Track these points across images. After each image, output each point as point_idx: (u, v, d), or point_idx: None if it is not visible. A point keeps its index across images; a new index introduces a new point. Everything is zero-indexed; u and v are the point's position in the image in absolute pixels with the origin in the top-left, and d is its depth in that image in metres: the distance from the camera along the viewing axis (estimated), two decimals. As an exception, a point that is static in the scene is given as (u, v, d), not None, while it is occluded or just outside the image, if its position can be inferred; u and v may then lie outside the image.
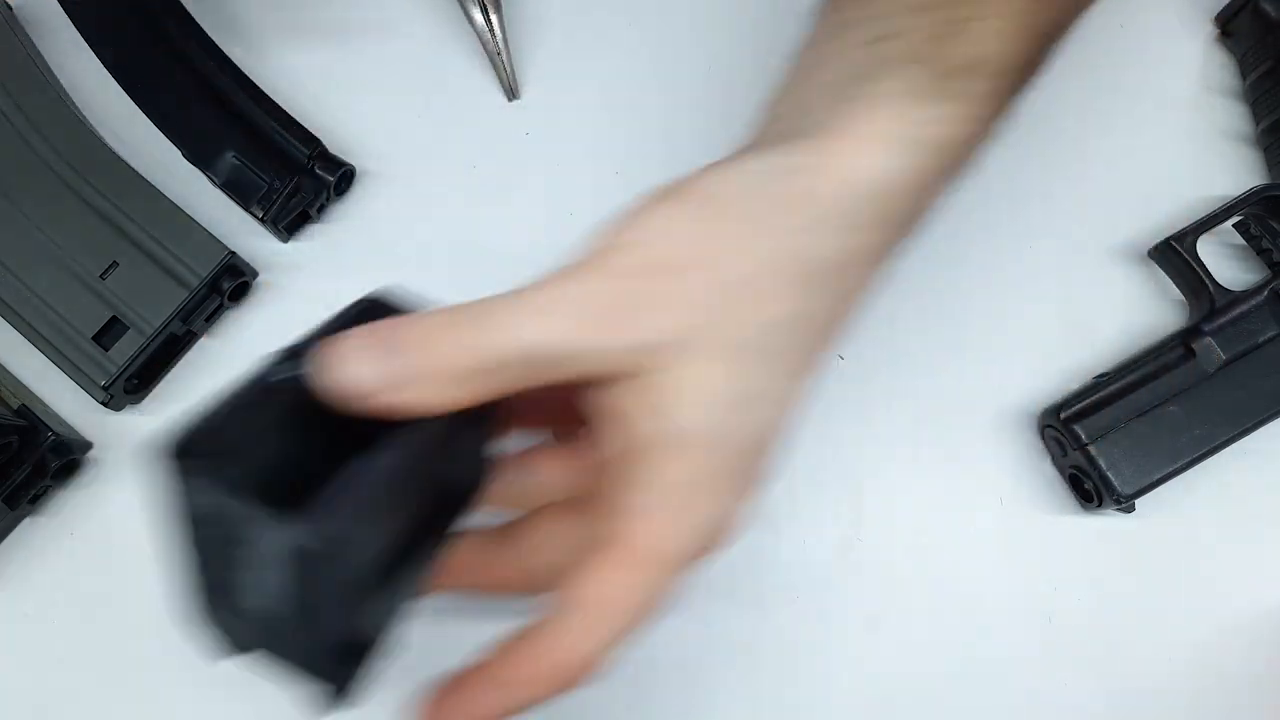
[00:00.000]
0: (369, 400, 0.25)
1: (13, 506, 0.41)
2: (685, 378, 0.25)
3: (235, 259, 0.43)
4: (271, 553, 0.23)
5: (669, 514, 0.26)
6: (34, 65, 0.46)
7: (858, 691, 0.41)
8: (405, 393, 0.25)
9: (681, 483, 0.26)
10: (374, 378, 0.25)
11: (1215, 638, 0.42)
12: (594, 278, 0.26)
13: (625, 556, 0.26)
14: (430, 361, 0.25)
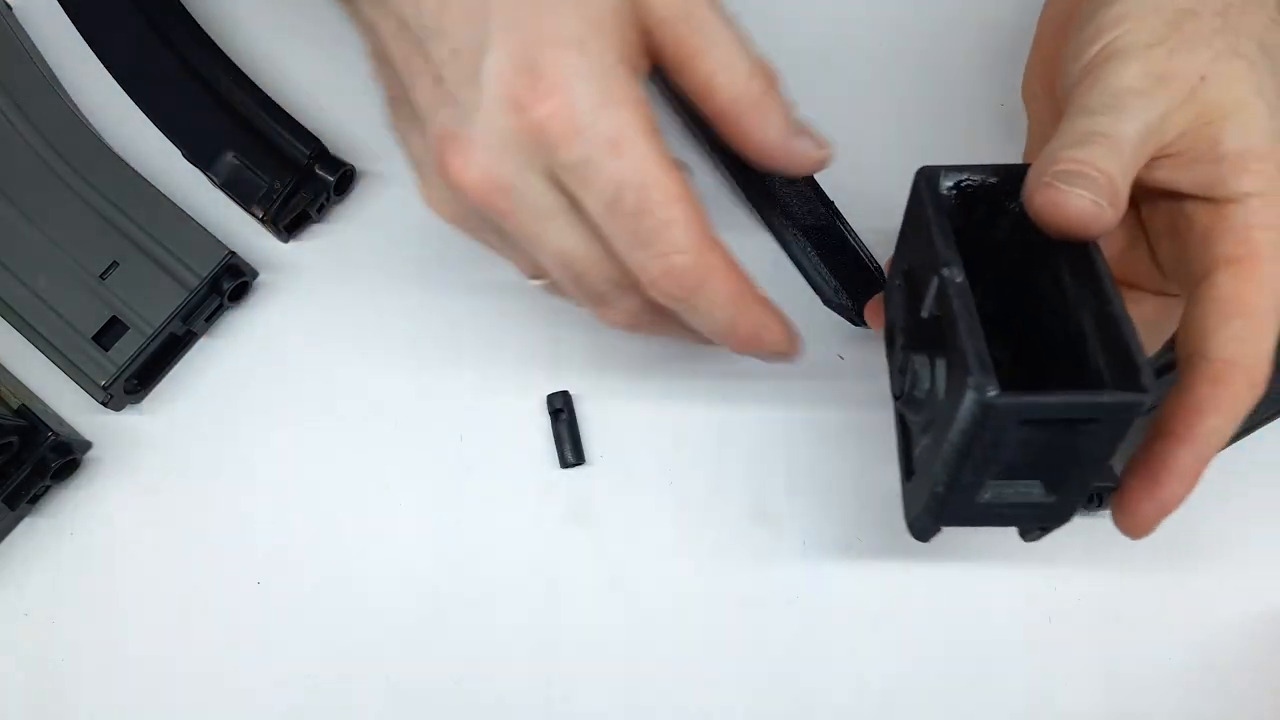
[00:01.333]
0: (1088, 228, 0.28)
1: (13, 506, 0.41)
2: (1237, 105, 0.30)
3: (235, 259, 0.43)
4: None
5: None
6: (34, 65, 0.46)
7: (858, 691, 0.41)
8: (1111, 216, 0.29)
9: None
10: (1095, 208, 0.28)
11: (1215, 638, 0.42)
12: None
13: (1246, 265, 0.30)
14: (1125, 185, 0.29)
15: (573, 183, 0.29)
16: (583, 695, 0.41)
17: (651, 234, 0.28)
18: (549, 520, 0.43)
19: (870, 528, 0.42)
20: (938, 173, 0.31)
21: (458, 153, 0.29)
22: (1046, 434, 0.29)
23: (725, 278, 0.30)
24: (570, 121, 0.27)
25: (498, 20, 0.28)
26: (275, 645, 0.42)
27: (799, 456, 0.43)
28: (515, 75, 0.28)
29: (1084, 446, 0.29)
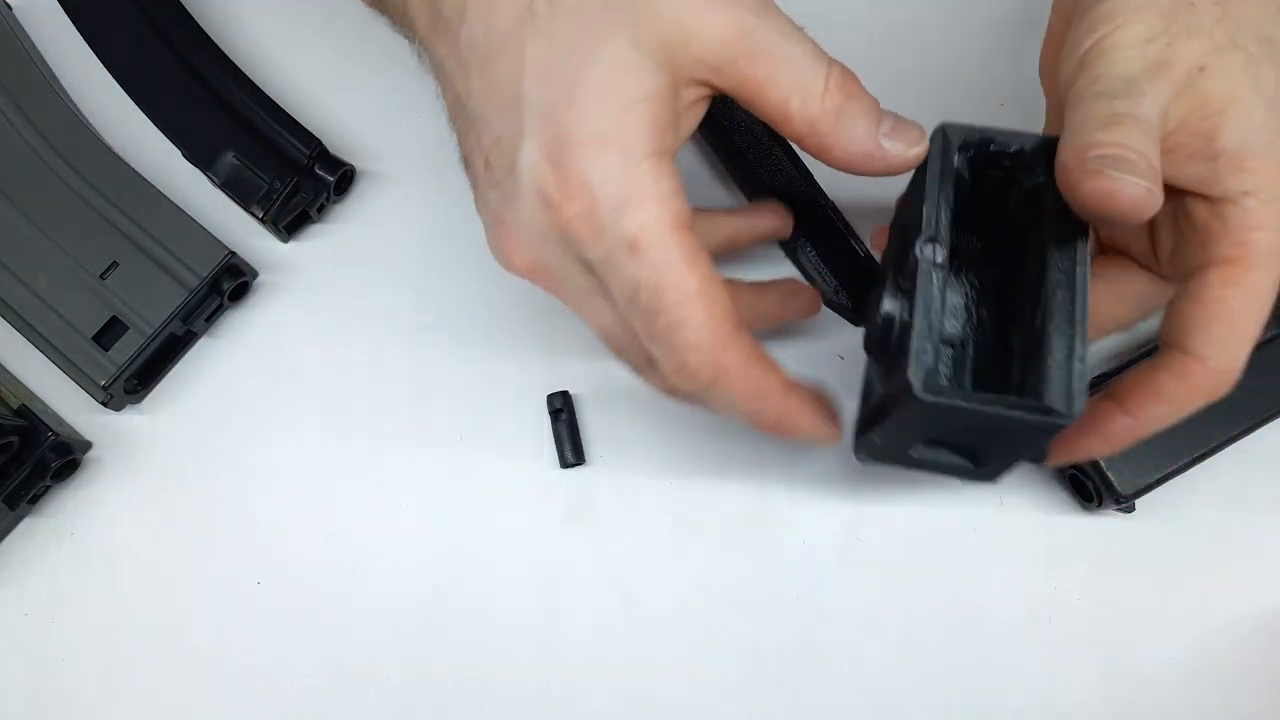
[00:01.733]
0: (1133, 213, 0.28)
1: (13, 506, 0.41)
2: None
3: (235, 259, 0.43)
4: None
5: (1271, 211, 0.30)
6: (34, 65, 0.46)
7: (858, 691, 0.41)
8: (1158, 200, 0.28)
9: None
10: (1147, 195, 0.28)
11: (1215, 637, 0.42)
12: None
13: (1238, 269, 0.30)
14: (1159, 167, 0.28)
15: (600, 276, 0.30)
16: (583, 695, 0.41)
17: (665, 332, 0.29)
18: (549, 520, 0.43)
19: (870, 527, 0.42)
20: (959, 133, 0.31)
21: (506, 237, 0.31)
22: (976, 426, 0.30)
23: (741, 376, 0.30)
24: (593, 223, 0.28)
25: (530, 114, 0.29)
26: (275, 645, 0.42)
27: (799, 456, 0.43)
28: (546, 172, 0.28)
29: (1011, 440, 0.31)
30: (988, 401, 0.29)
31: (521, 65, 0.29)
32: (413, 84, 0.48)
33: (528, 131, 0.29)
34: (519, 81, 0.29)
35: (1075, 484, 0.42)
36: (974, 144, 0.31)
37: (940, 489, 0.43)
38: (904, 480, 0.43)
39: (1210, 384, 0.31)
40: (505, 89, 0.29)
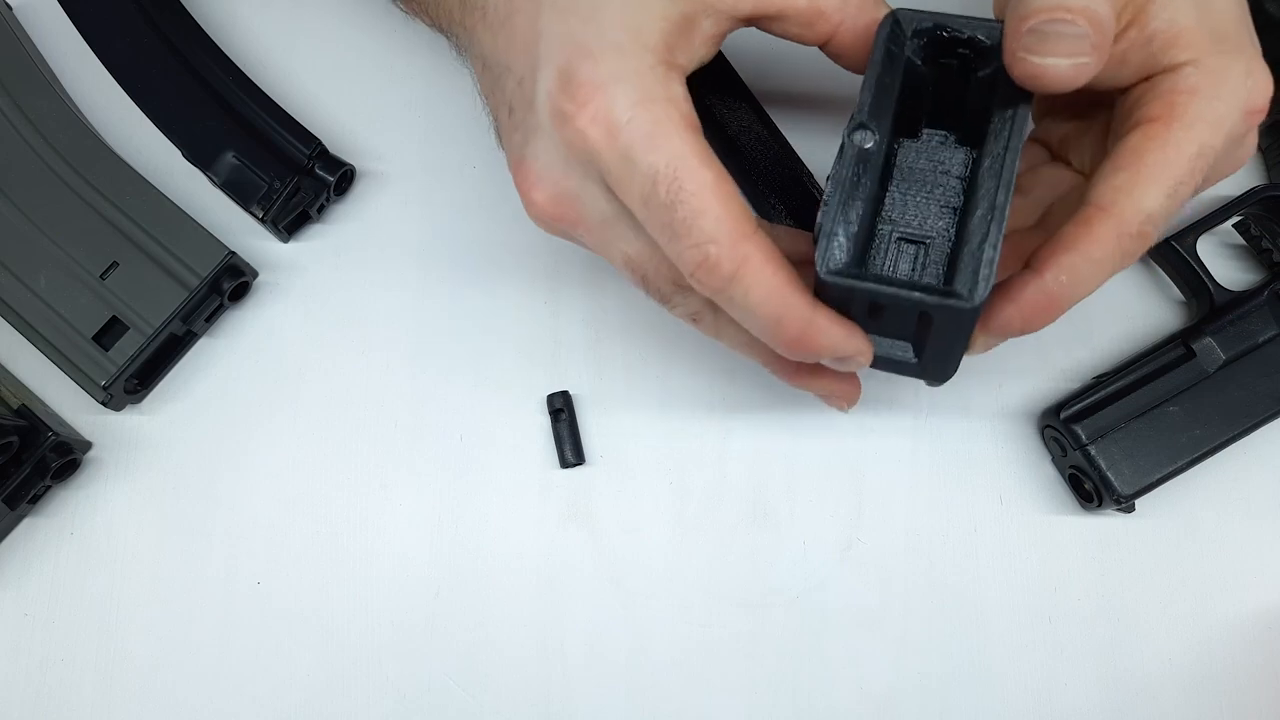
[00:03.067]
0: (1069, 86, 0.28)
1: (13, 506, 0.41)
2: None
3: (235, 259, 0.43)
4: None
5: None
6: (34, 65, 0.46)
7: (858, 691, 0.41)
8: (1092, 67, 0.28)
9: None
10: (1072, 71, 0.28)
11: (1215, 638, 0.42)
12: None
13: (1159, 124, 0.30)
14: (1111, 17, 0.28)
15: (616, 185, 0.29)
16: (583, 695, 0.41)
17: (684, 225, 0.28)
18: (549, 520, 0.43)
19: (870, 528, 0.42)
20: (911, 19, 0.31)
21: (526, 175, 0.31)
22: (896, 312, 0.30)
23: (761, 269, 0.29)
24: (608, 122, 0.28)
25: (546, 44, 0.29)
26: (275, 645, 0.42)
27: (799, 456, 0.43)
28: (559, 90, 0.29)
29: (939, 331, 0.31)
30: (887, 282, 0.29)
31: (539, 6, 0.29)
32: (413, 84, 0.48)
33: (543, 61, 0.29)
34: (537, 20, 0.30)
35: (1075, 484, 0.42)
36: (926, 30, 0.31)
37: (940, 489, 0.43)
38: (904, 480, 0.43)
39: (1113, 234, 0.29)
40: (525, 32, 0.30)
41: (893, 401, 0.44)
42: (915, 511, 0.43)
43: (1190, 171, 0.29)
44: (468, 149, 0.47)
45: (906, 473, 0.43)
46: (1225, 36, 0.30)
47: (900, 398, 0.43)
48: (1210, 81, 0.29)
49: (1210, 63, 0.30)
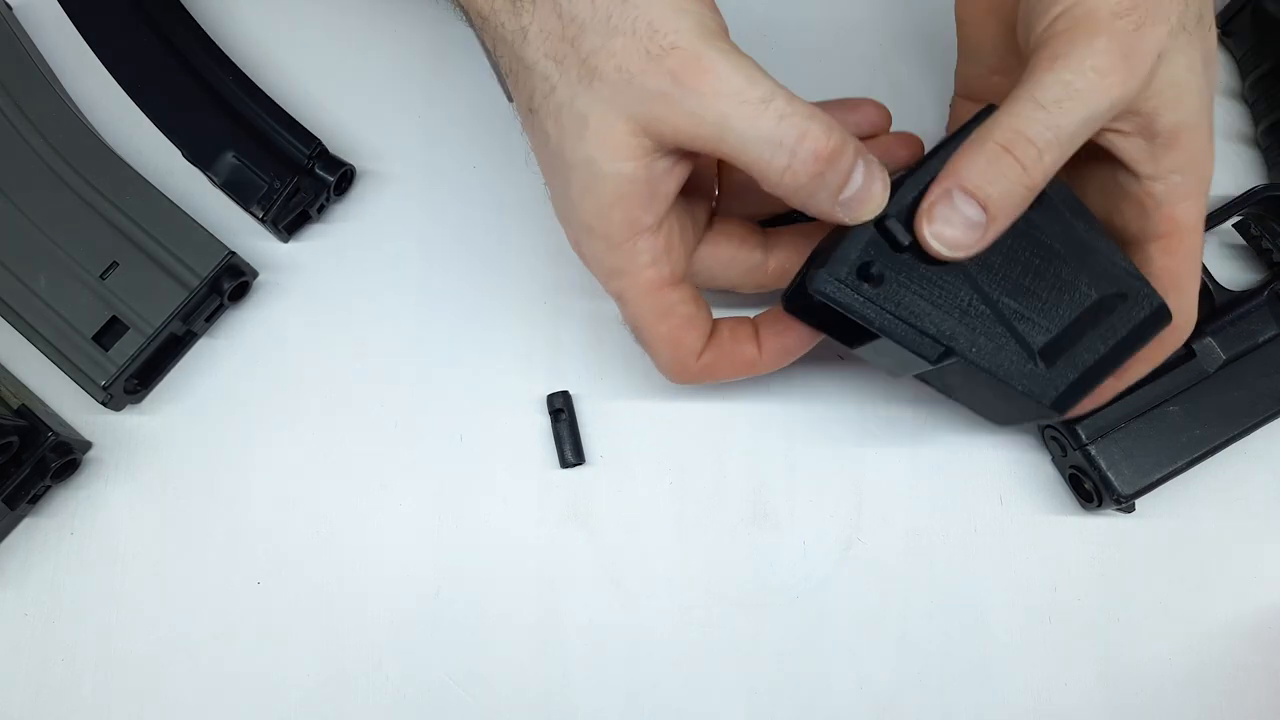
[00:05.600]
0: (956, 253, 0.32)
1: (13, 506, 0.41)
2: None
3: (235, 259, 0.43)
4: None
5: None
6: (34, 65, 0.46)
7: (858, 691, 0.41)
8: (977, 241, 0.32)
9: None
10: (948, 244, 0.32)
11: (1215, 637, 0.42)
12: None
13: (1173, 240, 0.35)
14: (1024, 193, 0.32)
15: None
16: (583, 695, 0.41)
17: (648, 349, 0.38)
18: (549, 520, 0.43)
19: (870, 528, 0.42)
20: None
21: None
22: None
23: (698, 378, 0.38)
24: (598, 277, 0.36)
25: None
26: (275, 645, 0.42)
27: (799, 456, 0.43)
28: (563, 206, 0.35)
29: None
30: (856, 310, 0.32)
31: (541, 143, 0.34)
32: (413, 84, 0.48)
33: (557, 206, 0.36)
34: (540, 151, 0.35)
35: (1075, 484, 0.42)
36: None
37: (940, 489, 0.43)
38: (904, 480, 0.43)
39: (1176, 337, 0.36)
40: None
41: (892, 401, 0.44)
42: (915, 511, 0.43)
43: (1200, 256, 0.36)
44: (468, 149, 0.47)
45: (906, 473, 0.43)
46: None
47: (900, 398, 0.43)
48: (1198, 182, 0.34)
49: (1198, 162, 0.34)
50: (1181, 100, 0.32)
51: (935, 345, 0.32)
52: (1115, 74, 0.30)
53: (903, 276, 0.32)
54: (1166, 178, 0.33)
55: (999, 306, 0.33)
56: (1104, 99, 0.31)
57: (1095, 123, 0.31)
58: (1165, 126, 0.32)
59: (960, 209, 0.31)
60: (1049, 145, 0.31)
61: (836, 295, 0.32)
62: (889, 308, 0.32)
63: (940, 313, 0.33)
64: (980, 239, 0.31)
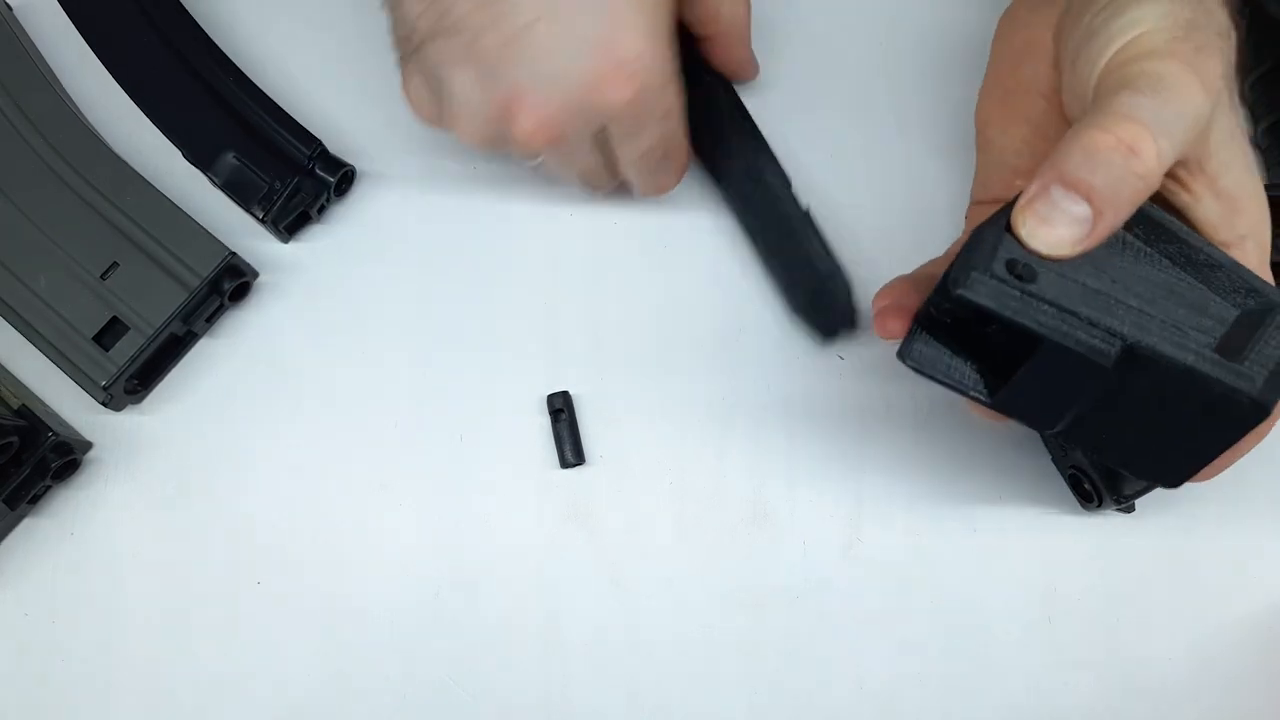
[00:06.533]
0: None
1: (13, 506, 0.41)
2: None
3: (235, 259, 0.43)
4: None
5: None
6: (34, 65, 0.46)
7: (858, 691, 0.41)
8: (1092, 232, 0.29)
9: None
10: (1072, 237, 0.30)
11: (1215, 637, 0.42)
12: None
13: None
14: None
15: (618, 135, 0.38)
16: (583, 695, 0.41)
17: (662, 168, 0.40)
18: (549, 520, 0.43)
19: (870, 528, 0.42)
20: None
21: (530, 109, 0.35)
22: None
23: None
24: (643, 98, 0.36)
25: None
26: (275, 645, 0.42)
27: (799, 456, 0.43)
28: (597, 62, 0.35)
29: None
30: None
31: None
32: (413, 84, 0.48)
33: (566, 24, 0.36)
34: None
35: (1075, 484, 0.42)
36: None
37: (940, 489, 0.43)
38: (904, 480, 0.43)
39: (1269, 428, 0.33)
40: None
41: (892, 401, 0.44)
42: (915, 511, 0.43)
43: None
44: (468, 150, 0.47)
45: (906, 473, 0.43)
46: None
47: (900, 398, 0.44)
48: (1262, 253, 0.32)
49: (1261, 232, 0.32)
50: (1236, 161, 0.31)
51: (1110, 340, 0.28)
52: (1193, 86, 0.29)
53: (1054, 273, 0.28)
54: (1241, 244, 0.32)
55: (1156, 311, 0.29)
56: (1195, 97, 0.29)
57: (1191, 123, 0.29)
58: (1228, 188, 0.31)
59: (1060, 205, 0.28)
60: (1157, 127, 0.28)
61: (991, 295, 0.28)
62: (1043, 299, 0.28)
63: (1099, 301, 0.28)
64: (1088, 235, 0.28)
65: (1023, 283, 0.28)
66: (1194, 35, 0.30)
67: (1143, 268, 0.30)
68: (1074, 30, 0.33)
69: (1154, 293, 0.29)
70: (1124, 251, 0.30)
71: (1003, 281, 0.28)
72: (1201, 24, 0.31)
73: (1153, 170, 0.28)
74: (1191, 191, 0.31)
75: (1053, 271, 0.29)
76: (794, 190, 0.42)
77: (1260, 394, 0.28)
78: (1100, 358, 0.28)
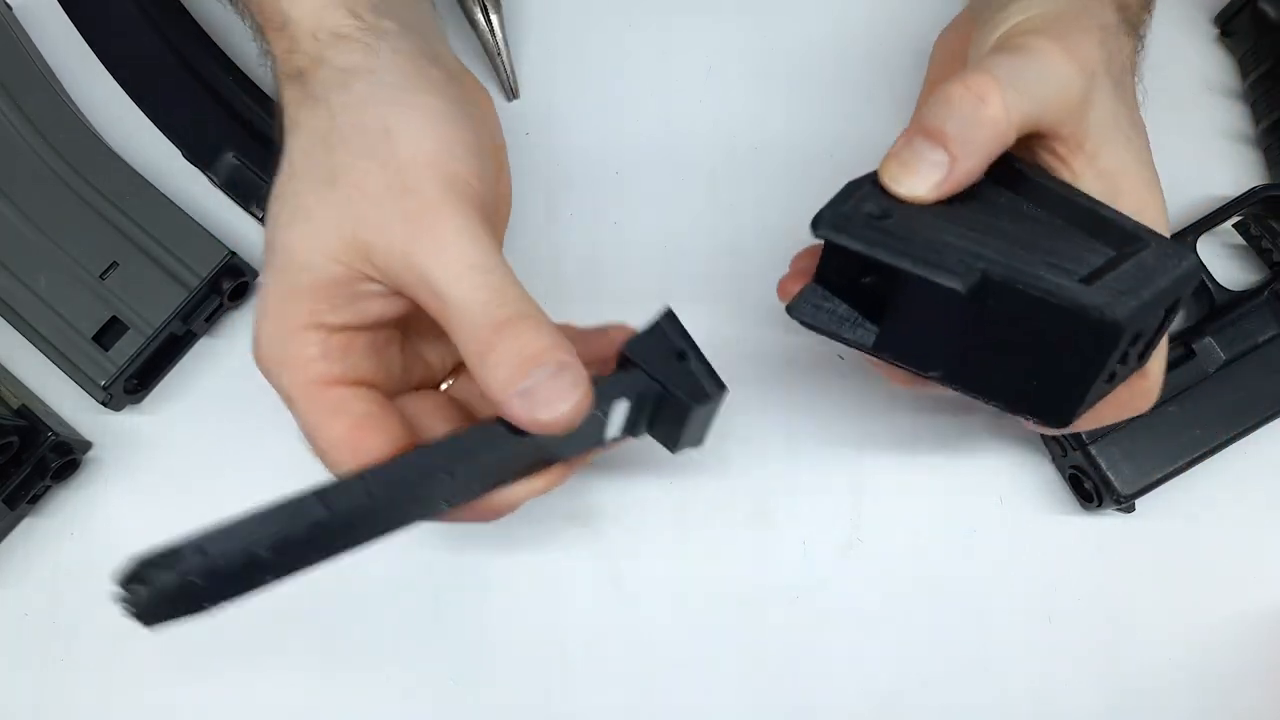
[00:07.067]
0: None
1: (13, 506, 0.41)
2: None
3: (235, 259, 0.43)
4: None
5: None
6: (34, 65, 0.46)
7: (858, 691, 0.41)
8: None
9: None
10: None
11: (1215, 637, 0.42)
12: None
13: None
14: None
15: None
16: (583, 695, 0.41)
17: (326, 463, 0.32)
18: (549, 520, 0.42)
19: (870, 527, 0.42)
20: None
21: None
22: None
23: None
24: (265, 375, 0.32)
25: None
26: (274, 645, 0.42)
27: (799, 456, 0.43)
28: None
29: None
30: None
31: (267, 221, 0.33)
32: (413, 84, 0.48)
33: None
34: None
35: (1075, 484, 0.42)
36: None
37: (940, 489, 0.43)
38: (904, 480, 0.43)
39: (1146, 395, 0.34)
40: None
41: (892, 401, 0.44)
42: (915, 511, 0.43)
43: None
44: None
45: (906, 473, 0.43)
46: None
47: (900, 398, 0.43)
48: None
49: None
50: (1116, 141, 0.32)
51: (965, 269, 0.29)
52: (1056, 53, 0.31)
53: (913, 213, 0.31)
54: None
55: (1023, 249, 0.30)
56: (1059, 64, 0.31)
57: (1054, 86, 0.31)
58: (1109, 167, 0.32)
59: (920, 152, 0.31)
60: (1004, 79, 0.30)
61: (850, 233, 0.30)
62: (904, 238, 0.30)
63: (964, 241, 0.30)
64: (945, 179, 0.30)
65: (881, 221, 0.30)
66: (1070, 20, 0.32)
67: (1019, 219, 0.31)
68: (978, 30, 0.35)
69: (1025, 237, 0.30)
70: (1001, 208, 0.32)
71: (862, 223, 0.30)
72: (1079, 13, 0.33)
73: (999, 117, 0.30)
74: (1072, 168, 0.32)
75: (914, 215, 0.30)
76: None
77: (1107, 307, 0.28)
78: (953, 282, 0.29)
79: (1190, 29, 0.48)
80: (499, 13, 0.46)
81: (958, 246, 0.29)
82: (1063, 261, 0.29)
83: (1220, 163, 0.47)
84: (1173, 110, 0.47)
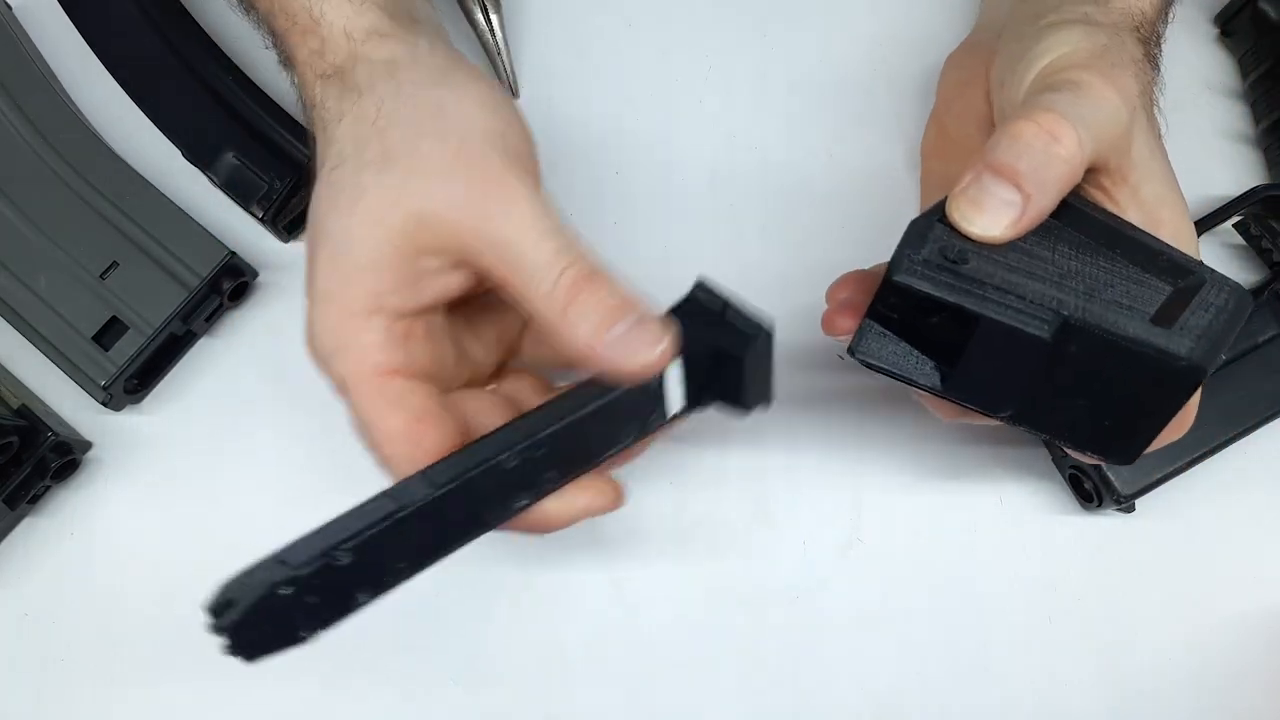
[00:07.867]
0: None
1: (13, 506, 0.41)
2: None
3: (235, 259, 0.43)
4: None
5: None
6: (34, 65, 0.46)
7: (858, 691, 0.41)
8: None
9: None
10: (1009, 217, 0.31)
11: (1215, 638, 0.42)
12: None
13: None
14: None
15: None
16: (583, 695, 0.41)
17: (378, 458, 0.32)
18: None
19: (870, 527, 0.42)
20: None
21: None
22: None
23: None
24: (318, 363, 0.32)
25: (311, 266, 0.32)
26: (275, 645, 0.42)
27: (799, 456, 0.43)
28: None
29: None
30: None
31: (312, 213, 0.32)
32: (413, 84, 0.48)
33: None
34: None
35: (1075, 484, 0.42)
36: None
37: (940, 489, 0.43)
38: (904, 480, 0.43)
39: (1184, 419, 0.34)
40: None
41: (892, 401, 0.44)
42: (915, 511, 0.43)
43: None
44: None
45: (907, 473, 0.43)
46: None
47: (899, 398, 0.43)
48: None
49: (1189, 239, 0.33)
50: (1156, 175, 0.33)
51: (1045, 315, 0.29)
52: (1107, 89, 0.31)
53: (986, 254, 0.30)
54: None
55: (1092, 290, 0.30)
56: (1111, 98, 0.31)
57: (1107, 120, 0.31)
58: (1149, 199, 0.33)
59: (990, 190, 0.30)
60: (1074, 116, 0.30)
61: (928, 279, 0.29)
62: (982, 282, 0.29)
63: (1037, 283, 0.29)
64: (1019, 218, 0.30)
65: (957, 266, 0.29)
66: (1109, 55, 0.33)
67: (1078, 254, 0.31)
68: (1004, 60, 0.36)
69: (1089, 274, 0.30)
70: (1058, 241, 0.31)
71: (938, 266, 0.29)
72: (1115, 48, 0.33)
73: (1074, 154, 0.30)
74: (1116, 201, 0.33)
75: (987, 257, 0.30)
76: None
77: (1191, 354, 0.28)
78: (1037, 329, 0.29)
79: (1190, 29, 0.48)
80: (499, 12, 0.46)
81: (1034, 289, 0.29)
82: (1131, 301, 0.30)
83: (1220, 163, 0.47)
84: (1173, 110, 0.47)
